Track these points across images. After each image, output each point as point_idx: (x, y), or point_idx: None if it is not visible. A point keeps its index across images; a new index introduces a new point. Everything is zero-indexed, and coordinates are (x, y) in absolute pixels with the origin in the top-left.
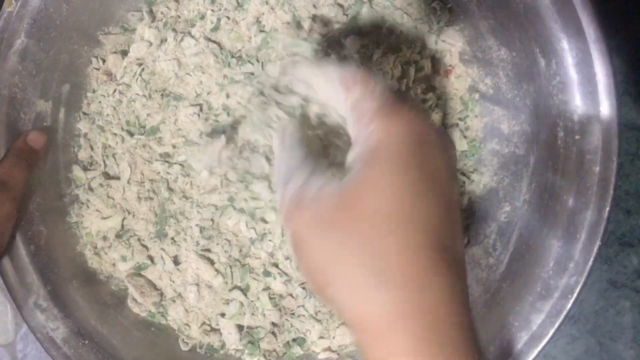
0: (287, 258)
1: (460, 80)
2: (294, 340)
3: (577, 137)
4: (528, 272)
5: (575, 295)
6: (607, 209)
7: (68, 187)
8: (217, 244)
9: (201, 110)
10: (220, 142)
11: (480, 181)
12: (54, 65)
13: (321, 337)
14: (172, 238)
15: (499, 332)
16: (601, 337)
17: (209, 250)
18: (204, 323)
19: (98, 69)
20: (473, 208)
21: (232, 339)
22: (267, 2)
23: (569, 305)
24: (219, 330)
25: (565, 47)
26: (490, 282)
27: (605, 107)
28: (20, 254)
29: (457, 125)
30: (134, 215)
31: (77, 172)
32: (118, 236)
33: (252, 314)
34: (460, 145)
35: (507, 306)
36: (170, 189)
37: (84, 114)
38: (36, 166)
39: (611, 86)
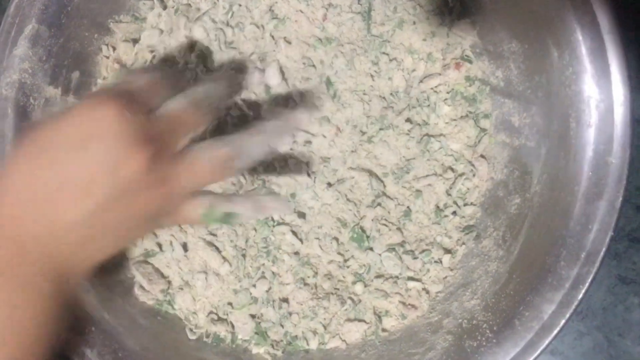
0: (295, 253)
1: (470, 72)
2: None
3: (590, 127)
4: (539, 262)
5: (586, 285)
6: (620, 199)
7: None
8: (223, 233)
9: None
10: None
11: (489, 174)
12: (64, 52)
13: (328, 333)
14: (180, 225)
15: (509, 322)
16: (609, 333)
17: (215, 236)
18: (211, 312)
19: (108, 57)
20: (482, 201)
21: (247, 329)
22: None
23: (580, 296)
24: (226, 319)
25: (579, 38)
26: (500, 273)
27: (619, 98)
28: None
29: (467, 116)
30: None
31: None
32: None
33: (262, 304)
34: (470, 133)
35: (518, 297)
36: None
37: None
38: None
39: (625, 77)
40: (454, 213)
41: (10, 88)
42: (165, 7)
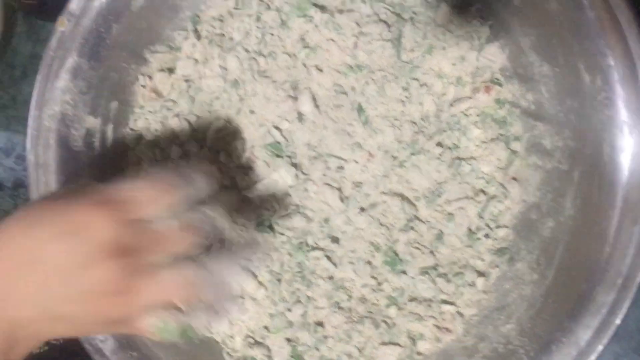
0: (329, 277)
1: (500, 95)
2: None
3: (623, 152)
4: (574, 287)
5: (623, 310)
6: None
7: None
8: (259, 258)
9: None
10: None
11: (521, 196)
12: (103, 83)
13: (363, 356)
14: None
15: (546, 348)
16: None
17: (251, 261)
18: (248, 336)
19: (145, 87)
20: (515, 223)
21: (283, 353)
22: (311, 21)
23: (617, 321)
24: (262, 343)
25: (611, 63)
26: (535, 297)
27: None
28: None
29: (497, 139)
30: None
31: None
32: None
33: (298, 328)
34: (501, 155)
35: (554, 322)
36: None
37: (132, 130)
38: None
39: None
40: (487, 235)
41: (53, 120)
42: (199, 37)
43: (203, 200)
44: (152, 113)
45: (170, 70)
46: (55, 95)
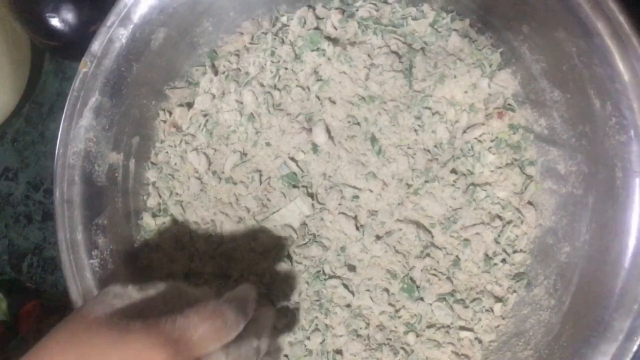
0: (347, 305)
1: (514, 121)
2: None
3: (637, 176)
4: (591, 313)
5: None
6: None
7: (138, 233)
8: (277, 286)
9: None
10: None
11: (537, 220)
12: (125, 120)
13: None
14: (235, 280)
15: None
16: None
17: (270, 290)
18: None
19: (165, 121)
20: (531, 248)
21: None
22: (324, 54)
23: (634, 348)
24: None
25: (620, 89)
26: (552, 323)
27: None
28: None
29: (512, 164)
30: (200, 259)
31: (146, 218)
32: (186, 277)
33: (317, 356)
34: (516, 180)
35: (571, 348)
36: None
37: (152, 163)
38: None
39: None
40: (504, 261)
41: (77, 157)
42: (216, 73)
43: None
44: (171, 147)
45: (189, 105)
46: (80, 134)
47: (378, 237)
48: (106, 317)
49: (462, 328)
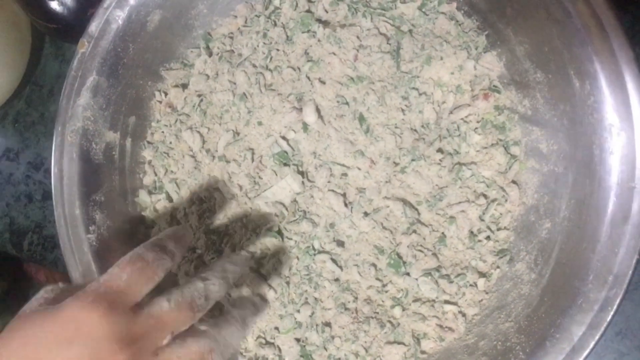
0: (335, 279)
1: (499, 102)
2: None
3: (612, 154)
4: (569, 285)
5: (615, 307)
6: None
7: (134, 210)
8: (268, 261)
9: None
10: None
11: (521, 199)
12: (121, 99)
13: (369, 355)
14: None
15: (541, 344)
16: None
17: (262, 265)
18: (259, 336)
19: (161, 102)
20: (515, 225)
21: (293, 353)
22: (314, 36)
23: (608, 318)
24: (273, 343)
25: (598, 69)
26: (532, 296)
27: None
28: (92, 272)
29: (497, 144)
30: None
31: (143, 196)
32: None
33: (306, 328)
34: (501, 160)
35: (549, 319)
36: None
37: (149, 142)
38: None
39: None
40: (488, 238)
41: (75, 135)
42: (210, 54)
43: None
44: (167, 126)
45: (184, 86)
46: (77, 112)
47: (366, 214)
48: (40, 305)
49: (446, 302)
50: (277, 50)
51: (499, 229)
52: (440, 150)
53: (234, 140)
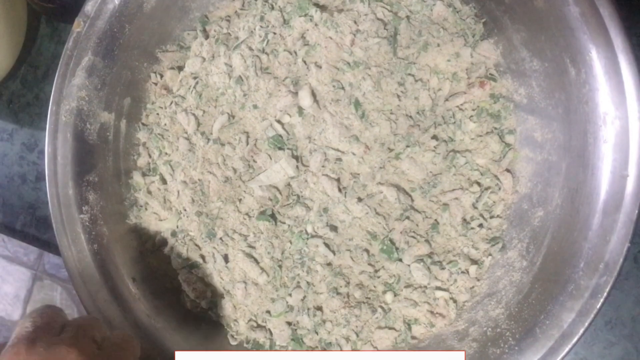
0: (328, 264)
1: (495, 90)
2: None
3: (606, 143)
4: (560, 273)
5: (605, 295)
6: (636, 211)
7: (128, 191)
8: (261, 245)
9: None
10: None
11: (514, 187)
12: (116, 80)
13: (360, 340)
14: (221, 238)
15: (531, 331)
16: (638, 343)
17: (254, 248)
18: (250, 319)
19: (156, 84)
20: (508, 214)
21: (284, 336)
22: (311, 20)
23: (598, 305)
24: (264, 326)
25: (594, 57)
26: (523, 283)
27: (634, 114)
28: (84, 252)
29: (492, 132)
30: (187, 217)
31: (136, 177)
32: (173, 235)
33: (298, 312)
34: (495, 148)
35: (539, 306)
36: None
37: (143, 124)
38: None
39: (639, 94)
40: (480, 225)
41: (70, 115)
42: (207, 37)
43: None
44: (162, 108)
45: (180, 68)
46: (72, 92)
47: (359, 199)
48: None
49: (438, 288)
50: (274, 33)
51: (491, 217)
52: (435, 137)
53: (229, 123)
